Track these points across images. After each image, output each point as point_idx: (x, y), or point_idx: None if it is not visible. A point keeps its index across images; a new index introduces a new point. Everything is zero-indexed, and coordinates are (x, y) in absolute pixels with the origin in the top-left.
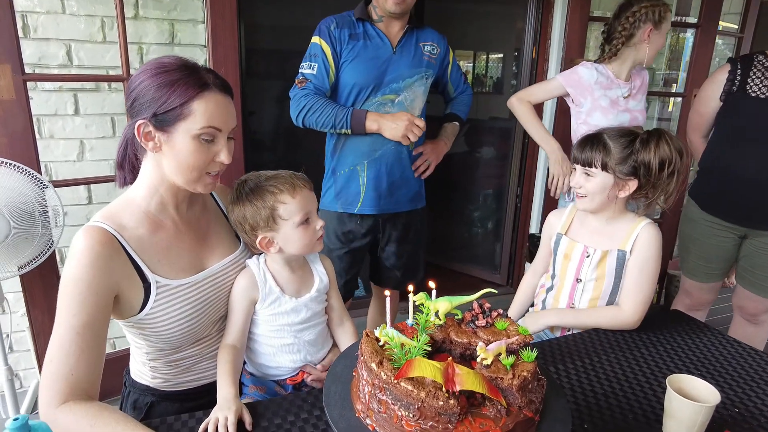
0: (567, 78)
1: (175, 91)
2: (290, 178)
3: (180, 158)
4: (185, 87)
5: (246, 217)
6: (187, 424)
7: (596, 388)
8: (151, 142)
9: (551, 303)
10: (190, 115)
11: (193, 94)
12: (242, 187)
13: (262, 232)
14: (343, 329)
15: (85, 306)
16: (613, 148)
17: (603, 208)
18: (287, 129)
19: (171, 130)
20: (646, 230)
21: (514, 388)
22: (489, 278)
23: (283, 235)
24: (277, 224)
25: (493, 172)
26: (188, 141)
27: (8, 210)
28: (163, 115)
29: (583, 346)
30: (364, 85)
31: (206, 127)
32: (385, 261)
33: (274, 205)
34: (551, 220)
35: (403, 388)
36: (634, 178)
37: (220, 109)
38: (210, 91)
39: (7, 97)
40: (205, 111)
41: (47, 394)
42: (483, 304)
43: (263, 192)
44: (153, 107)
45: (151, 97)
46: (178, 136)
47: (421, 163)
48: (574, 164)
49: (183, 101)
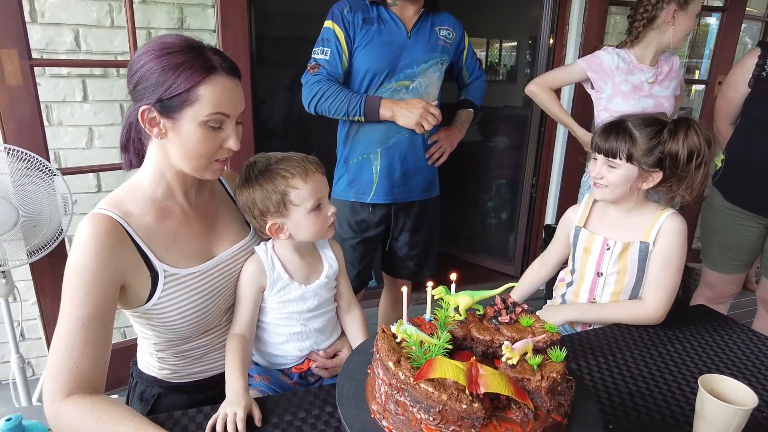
0: (588, 62)
1: (180, 75)
2: (302, 162)
3: (187, 145)
4: (191, 71)
5: (255, 201)
6: (194, 419)
7: (620, 387)
8: (155, 128)
9: (571, 298)
10: (196, 101)
11: (200, 78)
12: (251, 169)
13: (272, 218)
14: (351, 316)
15: (90, 296)
16: (639, 137)
17: (623, 199)
18: (299, 117)
19: (177, 117)
20: (671, 221)
21: (543, 391)
22: (502, 269)
23: (294, 221)
24: (287, 210)
25: (508, 161)
26: (195, 128)
27: (17, 198)
28: (168, 101)
29: (605, 342)
30: (378, 70)
31: (214, 114)
32: (398, 251)
33: (286, 190)
34: (569, 215)
35: (422, 389)
36: (659, 169)
37: (228, 94)
38: (217, 75)
39: (14, 83)
40: (213, 96)
41: (51, 387)
42: (506, 299)
43: (274, 176)
44: (157, 92)
45: (155, 81)
46: (184, 123)
47: (435, 150)
48: (596, 153)
49: (189, 86)
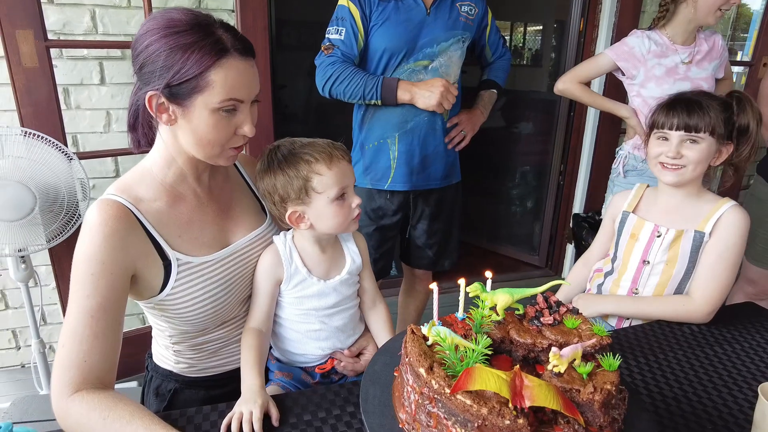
0: (616, 51)
1: (189, 59)
2: (328, 148)
3: (198, 133)
4: (201, 54)
5: (276, 186)
6: (208, 417)
7: (665, 391)
8: (164, 114)
9: (610, 289)
10: (207, 87)
11: (210, 62)
12: (274, 153)
13: (293, 205)
14: (376, 312)
15: (98, 287)
16: (714, 110)
17: (692, 181)
18: (319, 102)
19: (187, 104)
20: (732, 213)
21: (596, 405)
22: (526, 260)
23: (315, 209)
24: (309, 197)
25: (534, 147)
26: (207, 115)
27: (34, 183)
28: (177, 87)
29: (645, 341)
30: (396, 50)
31: (227, 100)
32: (417, 240)
33: (308, 175)
34: (616, 201)
35: (459, 401)
36: (730, 143)
37: (242, 77)
38: (229, 57)
39: (30, 65)
40: (225, 81)
41: (59, 382)
42: (548, 298)
43: (297, 160)
44: (165, 77)
45: (162, 65)
46: (195, 110)
47: (455, 134)
48: (665, 131)
49: (199, 71)
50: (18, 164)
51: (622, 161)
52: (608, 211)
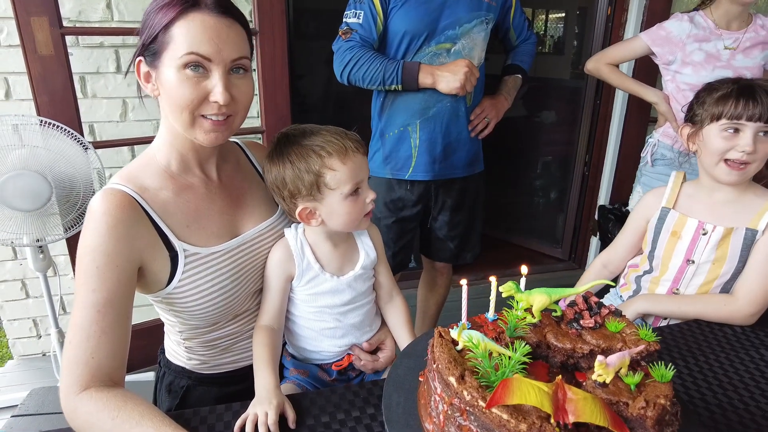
0: (652, 36)
1: (158, 14)
2: (341, 139)
3: (170, 96)
4: (167, 8)
5: (285, 181)
6: (222, 418)
7: (707, 397)
8: (150, 84)
9: (648, 288)
10: (171, 42)
11: (174, 14)
12: (282, 142)
13: (303, 202)
14: (393, 306)
15: (104, 281)
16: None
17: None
18: (337, 92)
19: (158, 64)
20: None
21: (649, 422)
22: (549, 252)
23: (328, 206)
24: (321, 194)
25: (558, 137)
26: (173, 73)
27: (51, 173)
28: (150, 46)
29: (683, 342)
30: (417, 33)
31: (188, 54)
32: (437, 231)
33: (320, 170)
34: (649, 200)
35: (495, 416)
36: None
37: (209, 33)
38: (196, 10)
39: (45, 53)
40: (187, 34)
41: (66, 380)
42: (588, 298)
43: (308, 152)
44: (142, 38)
45: (142, 26)
46: (164, 70)
47: (479, 121)
48: (739, 122)
49: (164, 25)
50: (35, 154)
51: (650, 149)
52: (639, 210)
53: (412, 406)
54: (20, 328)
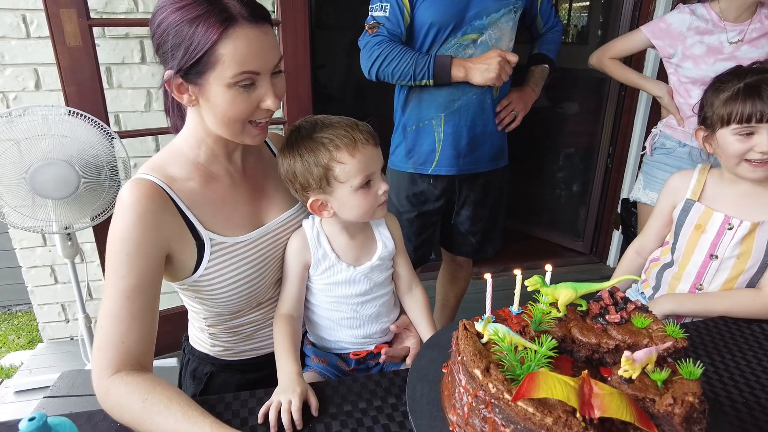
0: (652, 28)
1: (195, 34)
2: (351, 132)
3: (218, 111)
4: (206, 27)
5: (296, 174)
6: (246, 404)
7: (733, 395)
8: (185, 95)
9: (669, 283)
10: (218, 63)
11: (216, 36)
12: (295, 135)
13: (314, 194)
14: (412, 297)
15: (134, 268)
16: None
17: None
18: (358, 82)
19: (201, 82)
20: None
21: (676, 419)
22: (570, 245)
23: (339, 199)
24: (331, 186)
25: (580, 128)
26: (223, 92)
27: (78, 161)
28: (188, 67)
29: (709, 338)
30: (444, 24)
31: (240, 74)
32: (459, 226)
33: (329, 164)
34: (675, 183)
35: (521, 408)
36: None
37: (254, 47)
38: (237, 27)
39: (73, 44)
40: (235, 54)
41: (98, 363)
42: (614, 293)
43: (317, 146)
44: (176, 57)
45: (173, 44)
46: (210, 88)
47: (506, 114)
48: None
49: (206, 48)
50: (63, 143)
51: (651, 139)
52: (665, 194)
53: (435, 397)
54: (50, 312)
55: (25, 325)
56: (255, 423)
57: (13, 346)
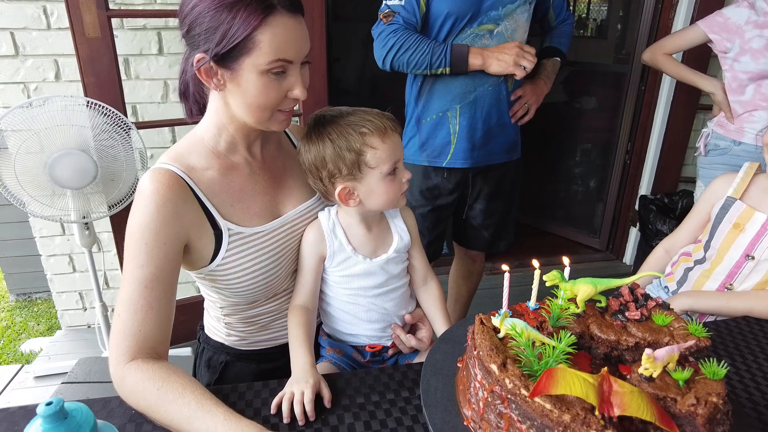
0: (709, 23)
1: (234, 19)
2: (379, 119)
3: (248, 97)
4: (246, 12)
5: (326, 160)
6: (260, 394)
7: (755, 397)
8: (213, 79)
9: (697, 279)
10: (255, 49)
11: (257, 21)
12: (320, 122)
13: (343, 181)
14: (427, 290)
15: (152, 257)
16: None
17: None
18: (372, 75)
19: (235, 67)
20: None
21: (699, 419)
22: (586, 242)
23: (367, 186)
24: (362, 173)
25: (598, 123)
26: (256, 78)
27: (96, 152)
28: (224, 50)
29: (730, 339)
30: (460, 14)
31: (275, 61)
32: (473, 220)
33: (361, 148)
34: (718, 186)
35: (538, 405)
36: None
37: (291, 35)
38: (277, 15)
39: (93, 35)
40: (273, 41)
41: (115, 350)
42: (635, 290)
43: (347, 130)
44: (212, 40)
45: (208, 26)
46: (243, 73)
47: (519, 107)
48: None
49: (246, 33)
50: (81, 133)
51: (704, 140)
52: (706, 195)
53: (450, 391)
54: (68, 300)
55: (45, 312)
56: (268, 413)
57: (33, 332)
